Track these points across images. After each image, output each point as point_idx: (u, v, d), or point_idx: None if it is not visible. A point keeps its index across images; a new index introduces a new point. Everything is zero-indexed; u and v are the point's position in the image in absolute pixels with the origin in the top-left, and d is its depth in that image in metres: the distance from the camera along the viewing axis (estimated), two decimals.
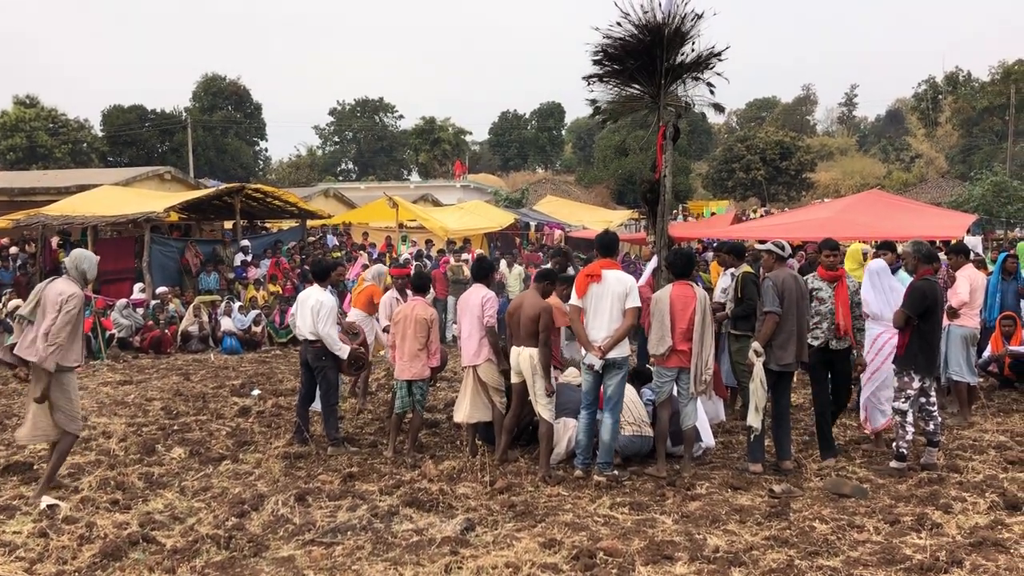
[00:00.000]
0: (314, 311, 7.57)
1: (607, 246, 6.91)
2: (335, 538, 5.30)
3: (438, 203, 32.76)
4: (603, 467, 6.51)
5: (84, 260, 6.29)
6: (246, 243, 18.21)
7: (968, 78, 59.46)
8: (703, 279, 10.36)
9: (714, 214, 33.63)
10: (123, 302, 14.23)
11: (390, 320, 8.30)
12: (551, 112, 67.18)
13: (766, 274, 7.10)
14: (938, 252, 8.24)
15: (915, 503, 5.89)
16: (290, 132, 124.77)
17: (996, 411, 8.92)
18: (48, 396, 6.02)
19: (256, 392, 10.30)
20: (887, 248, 8.64)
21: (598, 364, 6.48)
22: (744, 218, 27.77)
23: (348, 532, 5.39)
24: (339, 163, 66.52)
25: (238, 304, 14.93)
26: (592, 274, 6.57)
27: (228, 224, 20.42)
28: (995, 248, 19.09)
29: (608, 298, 6.48)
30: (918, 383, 6.65)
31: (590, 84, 9.18)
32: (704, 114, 43.12)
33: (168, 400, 9.77)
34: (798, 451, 7.30)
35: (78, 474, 6.72)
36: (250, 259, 17.61)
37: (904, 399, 6.65)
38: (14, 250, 16.70)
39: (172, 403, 9.61)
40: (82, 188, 19.69)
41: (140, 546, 5.12)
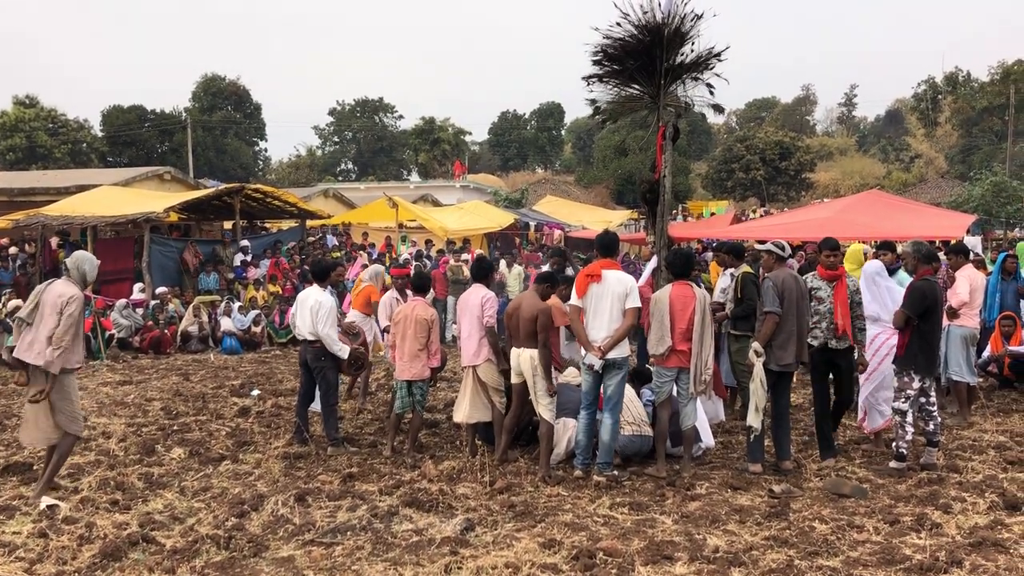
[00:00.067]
0: (313, 311, 7.58)
1: (607, 246, 6.91)
2: (335, 538, 5.30)
3: (438, 203, 32.76)
4: (603, 467, 6.51)
5: (85, 262, 6.29)
6: (246, 243, 18.21)
7: (968, 78, 59.49)
8: (704, 280, 10.33)
9: (713, 214, 33.64)
10: (123, 302, 14.24)
11: (390, 320, 8.30)
12: (551, 112, 67.16)
13: (766, 274, 7.10)
14: (938, 252, 8.24)
15: (915, 503, 5.89)
16: (290, 132, 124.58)
17: (996, 411, 8.93)
18: (48, 397, 6.01)
19: (256, 392, 10.30)
20: (887, 248, 8.64)
21: (598, 364, 6.49)
22: (743, 218, 27.82)
23: (348, 532, 5.39)
24: (339, 163, 66.46)
25: (238, 304, 14.94)
26: (592, 274, 6.58)
27: (228, 224, 20.42)
28: (995, 248, 19.11)
29: (608, 298, 6.49)
30: (918, 383, 6.65)
31: (590, 84, 9.19)
32: (704, 114, 43.11)
33: (168, 400, 9.77)
34: (798, 451, 7.30)
35: (78, 474, 6.73)
36: (250, 259, 17.62)
37: (904, 399, 6.66)
38: (14, 250, 16.69)
39: (172, 403, 9.61)
40: (82, 188, 19.70)
41: (140, 546, 5.13)
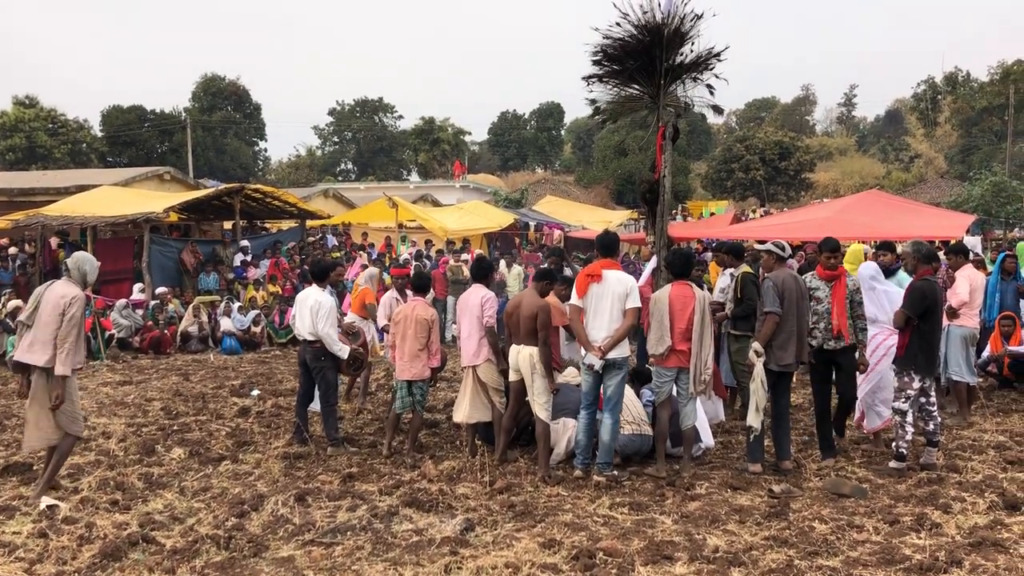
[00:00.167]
0: (313, 311, 7.58)
1: (607, 246, 6.91)
2: (335, 538, 5.30)
3: (437, 203, 32.76)
4: (603, 467, 6.51)
5: (86, 262, 6.30)
6: (245, 243, 18.21)
7: (967, 78, 59.53)
8: (705, 281, 10.30)
9: (713, 214, 33.62)
10: (123, 302, 14.23)
11: (389, 320, 8.30)
12: (550, 112, 67.15)
13: (766, 274, 7.10)
14: (938, 252, 8.24)
15: (914, 503, 5.89)
16: (290, 132, 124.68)
17: (995, 411, 8.93)
18: (62, 399, 6.02)
19: (256, 392, 10.30)
20: (886, 249, 8.63)
21: (598, 364, 6.49)
22: (743, 218, 27.81)
23: (348, 532, 5.39)
24: (338, 163, 66.44)
25: (237, 304, 14.94)
26: (593, 274, 6.58)
27: (227, 224, 20.42)
28: (994, 248, 19.11)
29: (608, 298, 6.49)
30: (918, 383, 6.65)
31: (590, 84, 9.20)
32: (703, 114, 43.16)
33: (168, 400, 9.77)
34: (797, 451, 7.30)
35: (78, 474, 6.73)
36: (249, 259, 17.62)
37: (904, 399, 6.66)
38: (13, 250, 16.68)
39: (172, 403, 9.60)
40: (81, 188, 19.70)
41: (140, 546, 5.13)
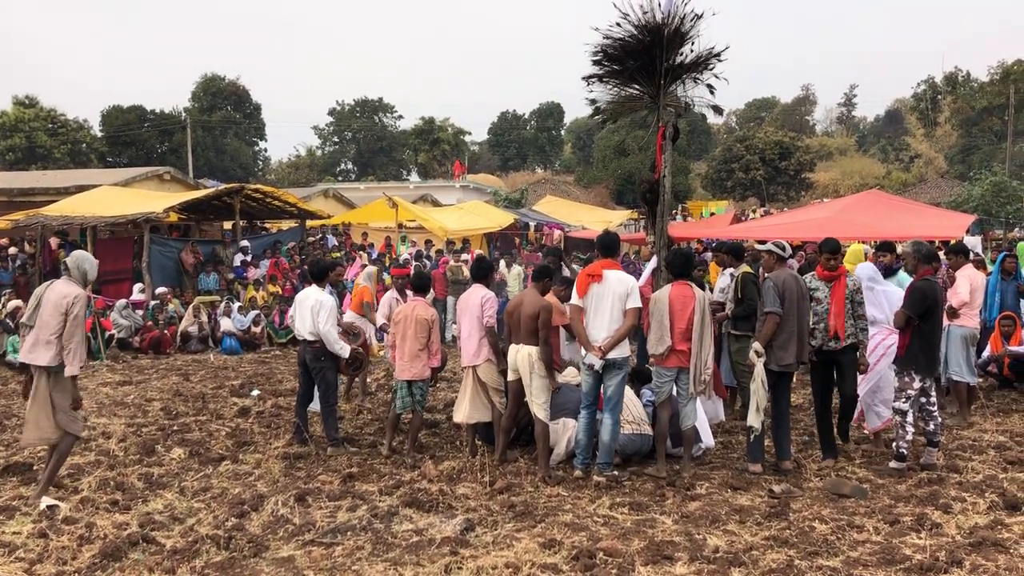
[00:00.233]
0: (314, 311, 7.58)
1: (608, 246, 6.91)
2: (335, 538, 5.30)
3: (437, 203, 32.75)
4: (603, 467, 6.51)
5: (85, 261, 6.31)
6: (245, 243, 18.20)
7: (967, 78, 59.51)
8: (707, 282, 10.28)
9: (713, 214, 33.62)
10: (123, 302, 14.23)
11: (387, 319, 8.31)
12: (550, 112, 67.14)
13: (767, 274, 7.09)
14: (938, 252, 8.24)
15: (915, 503, 5.89)
16: (290, 132, 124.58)
17: (995, 411, 8.93)
18: (79, 400, 6.15)
19: (256, 392, 10.30)
20: (886, 249, 8.63)
21: (598, 364, 6.48)
22: (743, 218, 27.80)
23: (348, 532, 5.39)
24: (338, 163, 66.42)
25: (237, 304, 14.93)
26: (593, 274, 6.58)
27: (227, 224, 20.42)
28: (994, 248, 19.10)
29: (609, 298, 6.49)
30: (919, 383, 6.65)
31: (590, 84, 9.21)
32: (703, 114, 43.12)
33: (168, 400, 9.77)
34: (798, 451, 7.30)
35: (78, 475, 6.72)
36: (249, 259, 17.62)
37: (905, 399, 6.66)
38: (13, 250, 16.68)
39: (172, 403, 9.60)
40: (81, 188, 19.69)
41: (140, 546, 5.13)
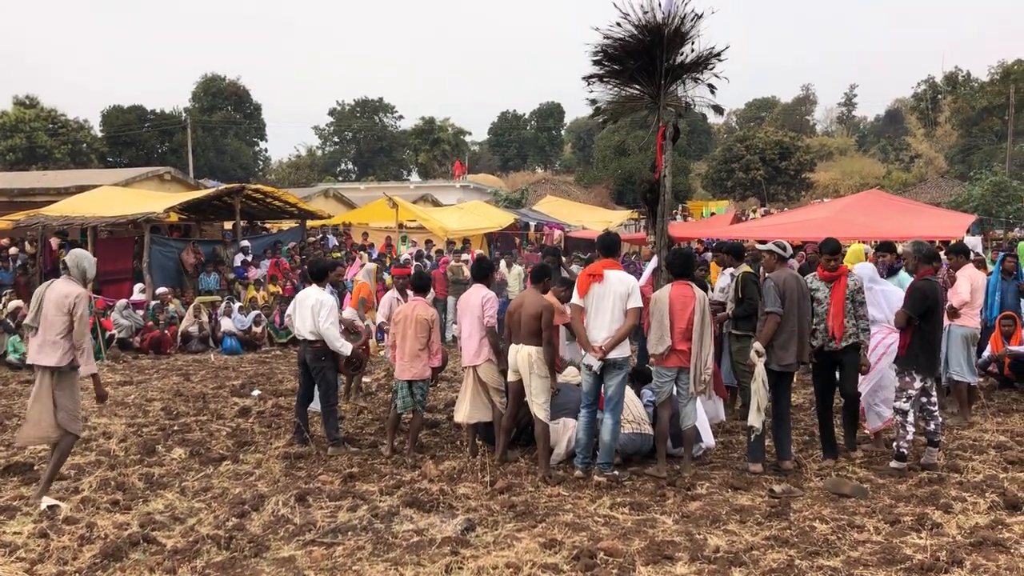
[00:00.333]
0: (314, 311, 7.58)
1: (609, 247, 6.92)
2: (335, 538, 5.30)
3: (438, 203, 32.76)
4: (603, 467, 6.51)
5: (84, 259, 6.33)
6: (246, 243, 18.21)
7: (967, 78, 59.46)
8: (708, 282, 10.26)
9: (713, 214, 33.60)
10: (123, 302, 14.24)
11: (387, 319, 8.31)
12: (550, 112, 67.13)
13: (767, 274, 7.09)
14: (939, 252, 8.23)
15: (915, 503, 5.89)
16: (290, 132, 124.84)
17: (996, 411, 8.93)
18: (104, 394, 6.47)
19: (256, 392, 10.30)
20: (886, 250, 8.62)
21: (596, 365, 6.48)
22: (744, 218, 27.77)
23: (348, 532, 5.39)
24: (339, 163, 66.42)
25: (238, 304, 14.94)
26: (594, 273, 6.58)
27: (228, 224, 20.42)
28: (995, 248, 19.08)
29: (610, 298, 6.49)
30: (919, 383, 6.65)
31: (590, 84, 9.22)
32: (704, 114, 43.11)
33: (168, 400, 9.77)
34: (798, 451, 7.30)
35: (78, 475, 6.72)
36: (250, 259, 17.63)
37: (905, 399, 6.65)
38: (14, 251, 16.68)
39: (172, 403, 9.61)
40: (82, 189, 19.69)
41: (140, 546, 5.13)
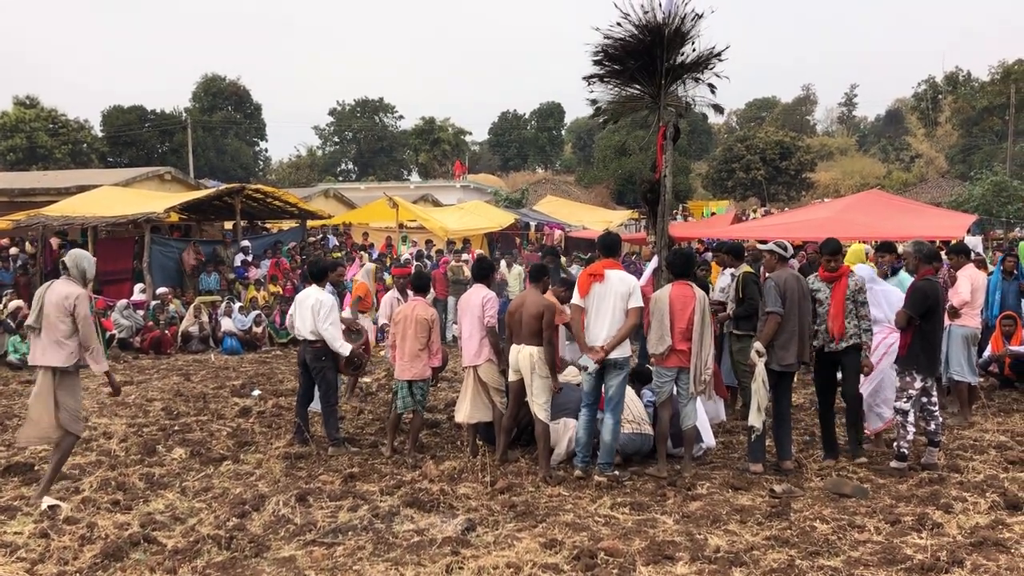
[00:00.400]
0: (315, 310, 7.59)
1: (609, 247, 6.92)
2: (336, 538, 5.30)
3: (438, 203, 32.77)
4: (604, 467, 6.51)
5: (84, 259, 6.32)
6: (246, 243, 18.22)
7: (968, 78, 59.43)
8: (710, 282, 10.24)
9: (714, 214, 33.60)
10: (123, 303, 14.25)
11: (388, 320, 8.31)
12: (551, 112, 67.12)
13: (768, 274, 7.09)
14: (940, 252, 8.23)
15: (916, 503, 5.89)
16: (290, 132, 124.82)
17: (997, 411, 8.93)
18: (118, 387, 6.49)
19: (256, 392, 10.30)
20: (886, 250, 8.61)
21: (592, 367, 6.48)
22: (744, 218, 27.76)
23: (349, 532, 5.39)
24: (339, 163, 66.41)
25: (238, 304, 14.95)
26: (595, 273, 6.58)
27: (228, 225, 20.43)
28: (996, 248, 19.07)
29: (611, 298, 6.48)
30: (920, 383, 6.65)
31: (590, 84, 9.22)
32: (704, 114, 43.05)
33: (169, 401, 9.78)
34: (799, 451, 7.30)
35: (79, 475, 6.72)
36: (250, 259, 17.63)
37: (906, 399, 6.66)
38: (14, 251, 16.68)
39: (173, 404, 9.61)
40: (82, 189, 19.69)
41: (141, 546, 5.13)
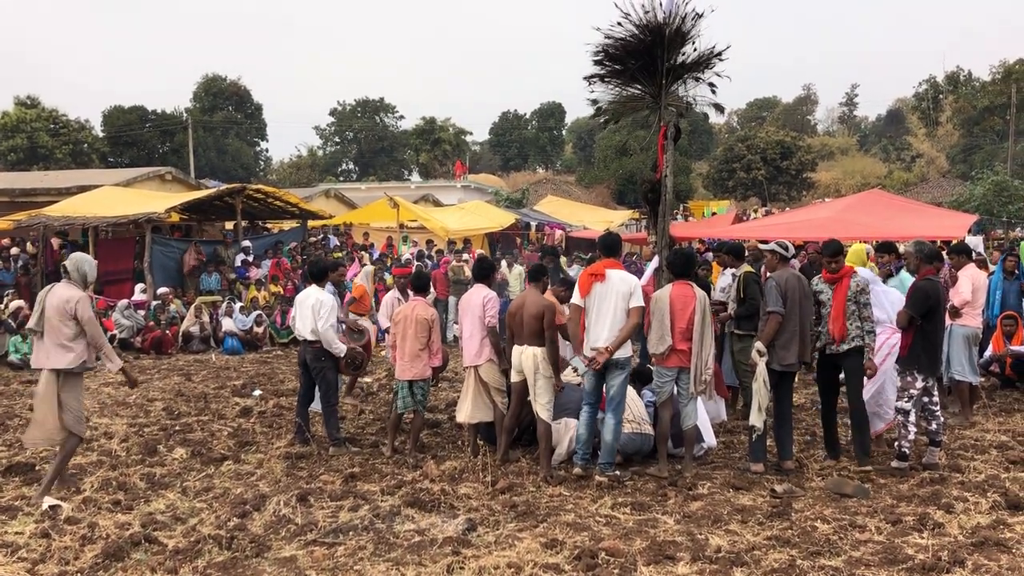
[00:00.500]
0: (315, 310, 7.59)
1: (610, 247, 6.92)
2: (337, 538, 5.31)
3: (439, 203, 32.77)
4: (605, 467, 6.51)
5: (85, 262, 6.34)
6: (247, 244, 18.22)
7: (969, 77, 59.48)
8: (710, 282, 10.22)
9: (715, 214, 33.59)
10: (124, 303, 14.24)
11: (390, 320, 8.31)
12: (551, 112, 67.15)
13: (769, 274, 7.09)
14: (941, 252, 8.21)
15: (917, 503, 5.89)
16: (291, 132, 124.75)
17: (998, 411, 8.93)
18: (135, 381, 6.68)
19: (257, 392, 10.30)
20: (886, 250, 8.60)
21: (581, 368, 6.48)
22: (745, 218, 27.75)
23: (350, 532, 5.40)
24: (340, 163, 66.43)
25: (239, 305, 14.95)
26: (596, 273, 6.58)
27: (229, 225, 20.43)
28: (997, 248, 19.06)
29: (612, 297, 6.48)
30: (921, 383, 6.65)
31: (591, 84, 9.20)
32: (705, 114, 43.10)
33: (170, 401, 9.78)
34: (799, 451, 7.30)
35: (80, 475, 6.72)
36: (251, 259, 17.63)
37: (907, 399, 6.66)
38: (15, 251, 16.68)
39: (174, 404, 9.61)
40: (83, 189, 19.69)
41: (142, 546, 5.13)
